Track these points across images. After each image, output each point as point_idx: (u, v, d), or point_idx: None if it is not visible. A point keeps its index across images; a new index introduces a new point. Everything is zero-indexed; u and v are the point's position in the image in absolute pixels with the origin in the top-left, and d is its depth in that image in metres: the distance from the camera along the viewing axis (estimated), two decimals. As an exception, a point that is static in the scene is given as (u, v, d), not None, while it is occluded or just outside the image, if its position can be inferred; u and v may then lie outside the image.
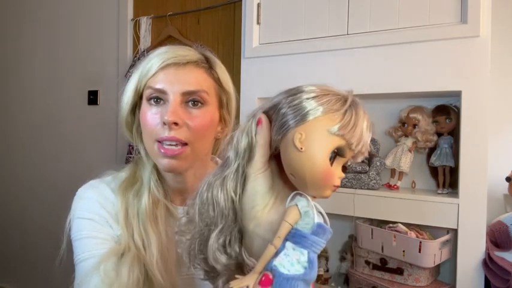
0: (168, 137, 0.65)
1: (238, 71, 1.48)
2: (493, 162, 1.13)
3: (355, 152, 0.43)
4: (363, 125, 0.42)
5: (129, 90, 0.71)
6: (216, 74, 0.73)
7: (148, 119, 0.68)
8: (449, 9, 1.11)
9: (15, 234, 2.49)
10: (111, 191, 0.73)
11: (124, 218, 0.69)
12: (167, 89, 0.67)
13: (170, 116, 0.64)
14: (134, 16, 2.06)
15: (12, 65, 2.51)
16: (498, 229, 1.09)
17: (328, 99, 0.43)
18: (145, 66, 0.69)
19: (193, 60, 0.70)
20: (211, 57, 0.74)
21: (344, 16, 1.25)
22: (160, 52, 0.70)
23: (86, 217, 0.71)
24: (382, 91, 1.20)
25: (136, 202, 0.70)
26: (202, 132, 0.68)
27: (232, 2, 1.76)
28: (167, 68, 0.68)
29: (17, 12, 2.48)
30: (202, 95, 0.68)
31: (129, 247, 0.67)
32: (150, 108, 0.68)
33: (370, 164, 1.26)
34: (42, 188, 2.38)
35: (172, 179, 0.74)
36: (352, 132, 0.41)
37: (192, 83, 0.68)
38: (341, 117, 0.42)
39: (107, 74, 2.14)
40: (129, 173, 0.76)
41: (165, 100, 0.68)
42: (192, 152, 0.68)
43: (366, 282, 1.24)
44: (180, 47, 0.72)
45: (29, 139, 2.46)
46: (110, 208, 0.71)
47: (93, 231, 0.69)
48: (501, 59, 1.28)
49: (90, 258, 0.67)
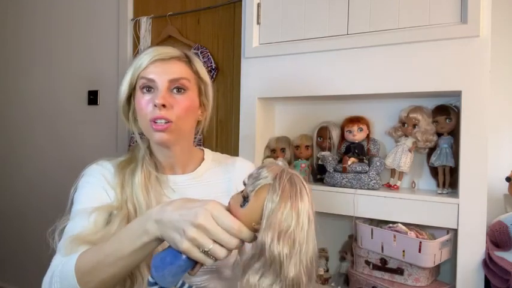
0: (158, 116, 0.81)
1: (238, 71, 1.48)
2: (493, 162, 1.13)
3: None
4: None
5: (125, 83, 0.87)
6: (195, 66, 0.89)
7: (142, 104, 0.83)
8: (449, 9, 1.11)
9: (15, 234, 2.49)
10: (112, 166, 0.89)
11: (120, 190, 0.83)
12: (156, 78, 0.83)
13: (160, 99, 0.80)
14: (134, 16, 2.06)
15: (12, 65, 2.51)
16: (498, 229, 1.09)
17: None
18: (138, 63, 0.85)
19: (176, 56, 0.86)
20: (190, 54, 0.90)
21: (344, 16, 1.25)
22: (149, 51, 0.86)
23: (89, 181, 0.85)
24: (382, 91, 1.20)
25: (131, 178, 0.85)
26: (184, 113, 0.84)
27: (232, 2, 1.76)
28: (155, 62, 0.84)
29: (16, 12, 2.48)
30: (184, 82, 0.85)
31: (121, 207, 0.81)
32: (143, 96, 0.84)
33: (370, 164, 1.26)
34: (42, 188, 2.38)
35: (163, 153, 0.89)
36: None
37: (176, 72, 0.84)
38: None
39: (106, 74, 2.14)
40: (127, 156, 0.92)
41: (155, 88, 0.83)
42: (176, 127, 0.83)
43: (366, 282, 1.25)
44: (165, 46, 0.88)
45: (29, 139, 2.46)
46: (110, 178, 0.86)
47: (93, 194, 0.83)
48: (501, 59, 1.28)
49: (84, 209, 0.79)
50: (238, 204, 0.54)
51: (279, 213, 0.50)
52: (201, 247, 0.53)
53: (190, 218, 0.53)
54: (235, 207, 0.54)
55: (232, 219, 0.52)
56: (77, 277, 0.62)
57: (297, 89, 1.33)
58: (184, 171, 0.93)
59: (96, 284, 0.62)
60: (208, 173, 0.94)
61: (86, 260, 0.63)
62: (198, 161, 0.96)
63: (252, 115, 1.41)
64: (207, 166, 0.96)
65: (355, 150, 1.31)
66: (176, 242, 0.54)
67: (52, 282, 0.65)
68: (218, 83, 1.81)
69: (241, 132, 1.45)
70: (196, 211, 0.53)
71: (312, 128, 1.47)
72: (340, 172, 1.29)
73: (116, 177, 0.86)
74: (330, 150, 1.40)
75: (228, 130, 1.82)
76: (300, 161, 1.43)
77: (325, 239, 1.44)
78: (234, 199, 0.55)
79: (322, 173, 1.38)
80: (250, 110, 1.42)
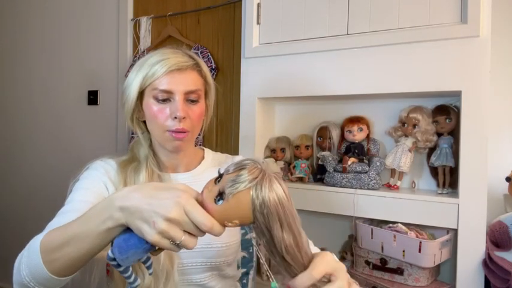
0: (179, 128, 0.84)
1: (238, 71, 1.48)
2: (493, 162, 1.13)
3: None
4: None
5: (134, 88, 0.86)
6: (204, 73, 0.91)
7: (157, 113, 0.85)
8: (449, 9, 1.11)
9: (15, 234, 2.49)
10: (115, 163, 0.90)
11: (123, 187, 0.80)
12: (174, 90, 0.84)
13: (181, 112, 0.83)
14: (134, 16, 2.05)
15: (12, 65, 2.51)
16: (498, 229, 1.09)
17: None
18: (150, 69, 0.84)
19: (190, 65, 0.87)
20: (198, 60, 0.90)
21: (344, 16, 1.25)
22: (162, 58, 0.85)
23: (91, 174, 0.87)
24: (382, 91, 1.20)
25: (135, 176, 0.86)
26: (198, 121, 0.89)
27: (232, 2, 1.76)
28: (172, 73, 0.84)
29: (16, 12, 2.48)
30: (198, 93, 0.87)
31: None
32: (157, 105, 0.85)
33: (370, 164, 1.26)
34: (41, 188, 2.38)
35: (168, 155, 0.92)
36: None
37: (191, 84, 0.86)
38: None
39: (107, 74, 2.14)
40: (128, 155, 0.94)
41: (172, 99, 0.85)
42: (192, 136, 0.89)
43: (366, 282, 1.24)
44: (175, 52, 0.87)
45: (28, 139, 2.46)
46: (112, 174, 0.87)
47: (93, 187, 0.83)
48: (501, 59, 1.28)
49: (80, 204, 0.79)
50: (212, 199, 0.52)
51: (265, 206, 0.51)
52: (171, 239, 0.51)
53: (162, 210, 0.50)
54: (209, 202, 0.52)
55: (205, 215, 0.51)
56: (41, 256, 0.59)
57: (297, 89, 1.33)
58: (186, 170, 0.94)
59: (60, 265, 0.59)
60: (208, 171, 0.95)
61: (51, 239, 0.61)
62: (198, 160, 0.98)
63: (252, 115, 1.41)
64: (207, 164, 0.97)
65: (355, 150, 1.31)
66: (144, 233, 0.51)
67: (21, 262, 0.63)
68: (218, 83, 1.81)
69: (241, 132, 1.45)
70: (168, 204, 0.50)
71: (312, 128, 1.47)
72: (340, 172, 1.29)
73: (119, 175, 0.87)
74: (330, 150, 1.40)
75: (228, 130, 1.82)
76: (300, 161, 1.43)
77: (325, 239, 1.44)
78: (208, 190, 0.53)
79: (322, 173, 1.38)
80: (250, 110, 1.42)
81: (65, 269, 0.60)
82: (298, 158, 1.46)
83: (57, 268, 0.59)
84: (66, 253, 0.58)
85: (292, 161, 1.47)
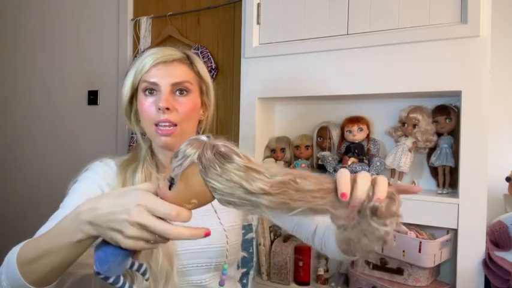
0: (162, 119, 0.82)
1: (238, 71, 1.48)
2: (493, 162, 1.13)
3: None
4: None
5: (127, 85, 0.88)
6: (196, 68, 0.90)
7: (145, 107, 0.85)
8: (449, 9, 1.11)
9: (15, 234, 2.49)
10: (115, 164, 0.90)
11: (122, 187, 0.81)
12: (159, 82, 0.84)
13: (163, 102, 0.82)
14: (134, 16, 2.05)
15: (12, 65, 2.51)
16: (498, 229, 1.09)
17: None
18: (140, 65, 0.86)
19: (178, 58, 0.87)
20: (191, 55, 0.91)
21: (344, 16, 1.25)
22: (151, 53, 0.87)
23: (88, 176, 0.85)
24: (382, 91, 1.20)
25: (132, 177, 0.86)
26: (188, 115, 0.86)
27: (232, 2, 1.76)
28: (158, 65, 0.85)
29: (16, 13, 2.48)
30: (186, 85, 0.86)
31: None
32: (146, 98, 0.85)
33: (370, 164, 1.26)
34: (41, 188, 2.38)
35: (165, 155, 0.90)
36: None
37: (178, 76, 0.85)
38: None
39: (106, 74, 2.14)
40: (130, 155, 0.94)
41: (158, 91, 0.84)
42: (181, 130, 0.85)
43: (366, 282, 1.24)
44: (166, 47, 0.89)
45: (28, 139, 2.46)
46: (111, 177, 0.86)
47: (87, 190, 0.82)
48: (501, 59, 1.28)
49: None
50: (167, 188, 0.52)
51: (217, 182, 0.48)
52: (145, 240, 0.52)
53: (125, 217, 0.50)
54: (164, 191, 0.52)
55: (167, 206, 0.50)
56: (18, 268, 0.59)
57: (297, 89, 1.33)
58: None
59: (37, 276, 0.59)
60: None
61: (26, 252, 0.61)
62: None
63: (252, 115, 1.41)
64: None
65: (355, 150, 1.31)
66: (118, 241, 0.52)
67: (1, 272, 0.63)
68: (218, 83, 1.81)
69: (241, 132, 1.45)
70: (128, 209, 0.51)
71: (312, 128, 1.47)
72: (340, 172, 1.29)
73: (118, 176, 0.87)
74: (330, 150, 1.40)
75: (228, 130, 1.82)
76: (300, 161, 1.43)
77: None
78: (162, 183, 0.53)
79: (322, 173, 1.38)
80: (250, 110, 1.42)
81: (43, 279, 0.60)
82: (298, 158, 1.46)
83: (34, 279, 0.59)
84: (42, 265, 0.59)
85: (292, 161, 1.47)
